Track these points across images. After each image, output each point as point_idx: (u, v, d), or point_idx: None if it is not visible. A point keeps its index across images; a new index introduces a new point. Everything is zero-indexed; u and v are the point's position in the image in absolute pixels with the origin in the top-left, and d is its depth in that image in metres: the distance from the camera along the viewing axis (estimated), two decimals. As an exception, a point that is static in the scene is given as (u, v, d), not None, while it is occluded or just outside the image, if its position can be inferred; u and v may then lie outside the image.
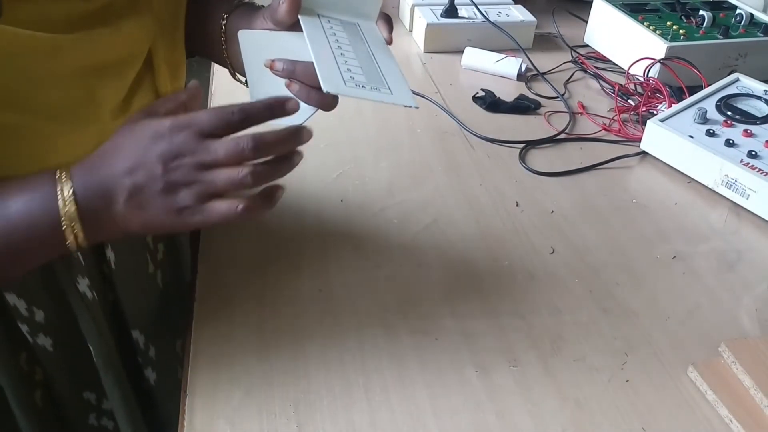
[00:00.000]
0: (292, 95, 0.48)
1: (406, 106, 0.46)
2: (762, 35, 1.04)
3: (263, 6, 0.60)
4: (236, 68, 0.62)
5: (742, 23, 1.06)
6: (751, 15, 1.07)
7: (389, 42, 0.55)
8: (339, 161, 0.80)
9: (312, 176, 0.76)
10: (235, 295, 0.60)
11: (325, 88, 0.46)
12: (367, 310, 0.60)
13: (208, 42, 0.62)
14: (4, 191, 0.45)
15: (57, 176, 0.45)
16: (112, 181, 0.44)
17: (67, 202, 0.44)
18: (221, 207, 0.45)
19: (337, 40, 0.50)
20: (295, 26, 0.54)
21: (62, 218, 0.44)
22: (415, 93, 0.95)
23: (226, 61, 0.62)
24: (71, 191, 0.44)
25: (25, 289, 0.55)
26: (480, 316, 0.60)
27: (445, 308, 0.60)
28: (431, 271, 0.64)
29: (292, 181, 0.45)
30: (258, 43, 0.48)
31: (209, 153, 0.44)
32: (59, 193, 0.44)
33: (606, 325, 0.60)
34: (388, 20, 0.57)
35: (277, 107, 0.46)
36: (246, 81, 0.58)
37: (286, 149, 0.46)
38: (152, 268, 0.67)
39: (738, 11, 1.08)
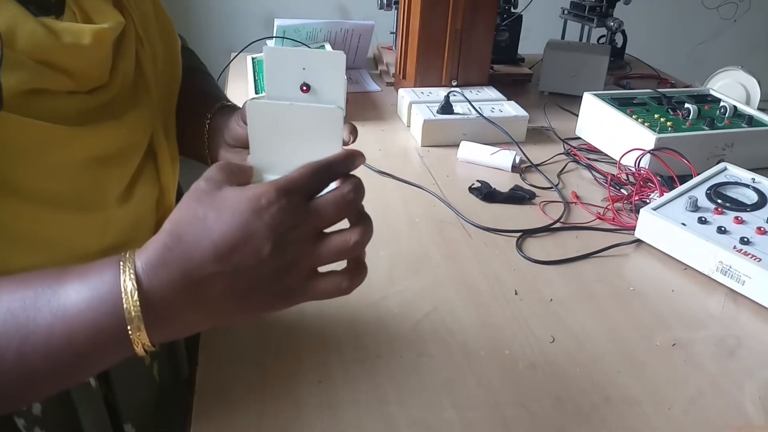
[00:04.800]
0: (356, 152, 0.45)
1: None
2: (747, 126, 1.08)
3: (239, 107, 0.65)
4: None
5: (727, 115, 1.10)
6: (735, 107, 1.12)
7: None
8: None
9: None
10: (235, 387, 0.60)
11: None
12: (367, 402, 0.59)
13: (190, 141, 0.66)
14: (63, 276, 0.39)
15: (121, 266, 0.38)
16: (200, 269, 0.37)
17: (132, 302, 0.37)
18: (327, 286, 0.41)
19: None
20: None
21: (128, 324, 0.37)
22: (413, 184, 0.98)
23: (207, 159, 0.65)
24: (135, 290, 0.37)
25: None
26: (482, 407, 0.59)
27: (446, 399, 0.60)
28: (432, 361, 0.64)
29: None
30: (266, 116, 0.48)
31: (321, 215, 0.40)
32: (123, 291, 0.37)
33: (609, 414, 0.59)
34: (353, 129, 0.55)
35: (354, 159, 0.44)
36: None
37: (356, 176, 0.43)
38: (148, 360, 0.66)
39: (722, 104, 1.12)
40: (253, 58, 1.36)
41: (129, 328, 0.37)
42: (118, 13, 0.55)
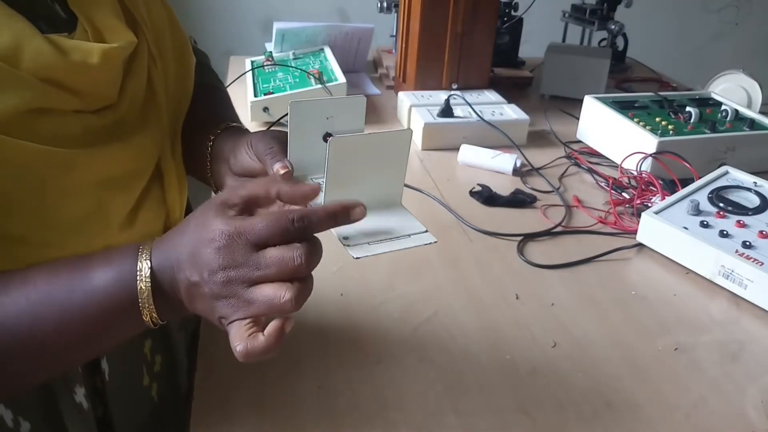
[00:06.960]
0: (359, 201, 0.47)
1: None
2: (748, 129, 1.08)
3: (247, 130, 0.64)
4: (219, 186, 0.63)
5: (728, 118, 1.10)
6: (736, 111, 1.11)
7: None
8: (338, 255, 0.80)
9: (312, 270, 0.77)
10: (234, 392, 0.59)
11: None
12: (367, 407, 0.59)
13: (195, 160, 0.64)
14: (90, 264, 0.46)
15: (140, 252, 0.45)
16: (177, 267, 0.44)
17: (144, 281, 0.44)
18: (235, 336, 0.43)
19: None
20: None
21: (139, 297, 0.44)
22: (413, 188, 0.98)
23: (209, 180, 0.64)
24: (149, 270, 0.44)
25: (16, 399, 0.53)
26: (483, 413, 0.59)
27: (447, 404, 0.59)
28: (432, 366, 0.64)
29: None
30: (345, 148, 0.49)
31: (258, 268, 0.43)
32: (138, 271, 0.45)
33: (610, 419, 0.59)
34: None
35: (342, 215, 0.46)
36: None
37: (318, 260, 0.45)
38: (147, 381, 0.65)
39: (723, 107, 1.12)
40: (252, 61, 1.36)
41: (140, 301, 0.45)
42: (130, 32, 0.54)
